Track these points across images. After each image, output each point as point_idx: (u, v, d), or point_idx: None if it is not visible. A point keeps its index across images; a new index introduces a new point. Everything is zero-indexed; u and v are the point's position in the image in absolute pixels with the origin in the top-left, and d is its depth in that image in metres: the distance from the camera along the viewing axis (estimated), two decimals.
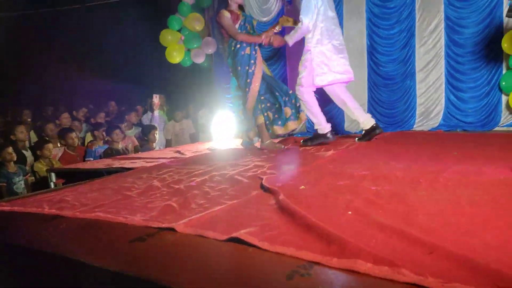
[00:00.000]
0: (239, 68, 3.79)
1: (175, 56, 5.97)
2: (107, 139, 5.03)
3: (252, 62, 3.77)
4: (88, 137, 5.57)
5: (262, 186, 2.13)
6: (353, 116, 3.99)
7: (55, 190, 2.53)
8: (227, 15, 3.74)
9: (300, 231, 1.37)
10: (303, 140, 3.91)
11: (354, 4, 5.13)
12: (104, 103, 6.80)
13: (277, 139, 4.23)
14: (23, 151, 4.62)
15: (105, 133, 5.09)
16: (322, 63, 3.74)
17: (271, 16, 5.51)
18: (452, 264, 1.04)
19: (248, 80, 3.76)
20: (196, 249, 1.36)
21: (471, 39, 4.53)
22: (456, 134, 4.37)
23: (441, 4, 4.65)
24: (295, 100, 3.84)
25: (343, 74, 3.84)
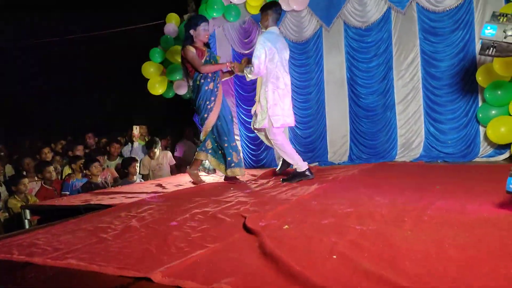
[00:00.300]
0: (201, 102, 3.96)
1: (157, 88, 5.94)
2: (85, 172, 4.88)
3: (212, 98, 3.95)
4: (66, 170, 5.41)
5: (245, 226, 2.07)
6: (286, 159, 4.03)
7: (27, 232, 2.40)
8: (192, 50, 3.90)
9: (284, 281, 1.31)
10: (282, 179, 3.90)
11: (334, 38, 5.23)
12: (82, 135, 6.65)
13: (262, 170, 4.21)
14: None
15: (83, 166, 4.94)
16: (276, 106, 3.84)
17: (252, 49, 5.58)
18: None
19: (205, 115, 3.95)
20: None
21: (447, 72, 4.63)
22: (437, 165, 4.40)
23: (417, 39, 4.77)
24: (236, 153, 4.03)
25: (291, 117, 4.02)
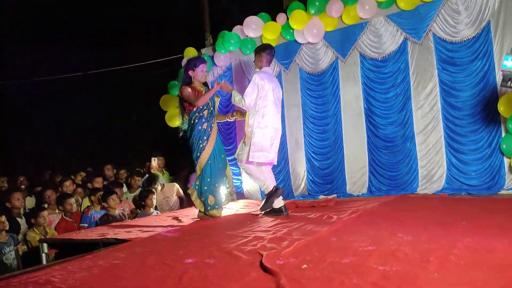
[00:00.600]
0: (195, 141, 4.06)
1: (174, 120, 6.04)
2: (103, 204, 4.90)
3: (205, 138, 4.06)
4: (86, 201, 5.44)
5: (261, 265, 2.00)
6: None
7: (43, 268, 2.39)
8: (188, 89, 4.05)
9: None
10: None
11: (350, 69, 5.22)
12: (101, 166, 6.72)
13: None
14: (18, 219, 4.49)
15: (101, 198, 4.97)
16: (259, 143, 3.94)
17: None
18: None
19: (198, 154, 4.05)
20: None
21: (468, 102, 4.52)
22: (461, 198, 4.24)
23: (435, 69, 4.71)
24: (213, 196, 4.05)
25: (274, 157, 4.10)
